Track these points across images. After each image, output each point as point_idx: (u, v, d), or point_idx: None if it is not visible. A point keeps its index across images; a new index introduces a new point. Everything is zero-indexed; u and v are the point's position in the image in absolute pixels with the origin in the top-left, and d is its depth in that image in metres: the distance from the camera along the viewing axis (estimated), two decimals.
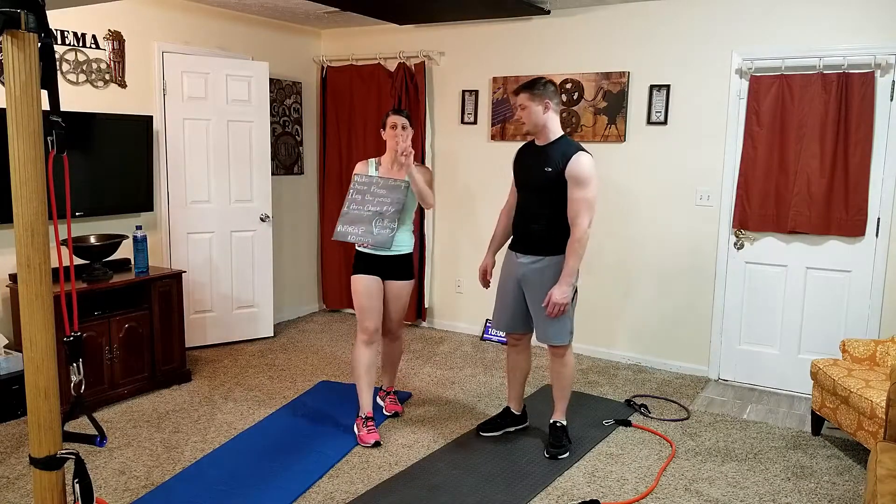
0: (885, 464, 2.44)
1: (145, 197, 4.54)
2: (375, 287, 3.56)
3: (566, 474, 3.23)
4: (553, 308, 3.19)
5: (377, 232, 3.45)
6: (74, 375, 1.60)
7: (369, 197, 3.47)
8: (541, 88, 3.21)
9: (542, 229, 3.27)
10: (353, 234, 3.45)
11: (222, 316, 5.09)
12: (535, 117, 3.23)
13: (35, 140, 1.40)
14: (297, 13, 5.16)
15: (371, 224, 3.45)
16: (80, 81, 4.21)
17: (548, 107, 3.22)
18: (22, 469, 3.17)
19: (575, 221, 3.17)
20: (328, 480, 3.13)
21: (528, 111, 3.22)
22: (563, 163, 3.16)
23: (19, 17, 1.34)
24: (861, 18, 3.96)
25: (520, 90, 3.25)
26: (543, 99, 3.21)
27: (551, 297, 3.19)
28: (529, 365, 3.63)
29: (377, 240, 3.45)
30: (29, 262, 1.41)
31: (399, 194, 3.48)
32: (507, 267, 3.45)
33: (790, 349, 4.33)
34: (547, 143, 3.27)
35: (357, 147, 5.73)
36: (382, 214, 3.45)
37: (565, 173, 3.16)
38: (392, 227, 3.46)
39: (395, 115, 3.52)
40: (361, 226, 3.45)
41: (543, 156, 3.25)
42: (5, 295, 3.97)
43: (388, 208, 3.46)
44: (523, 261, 3.34)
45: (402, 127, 3.49)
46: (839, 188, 4.03)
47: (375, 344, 3.59)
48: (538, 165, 3.25)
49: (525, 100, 3.22)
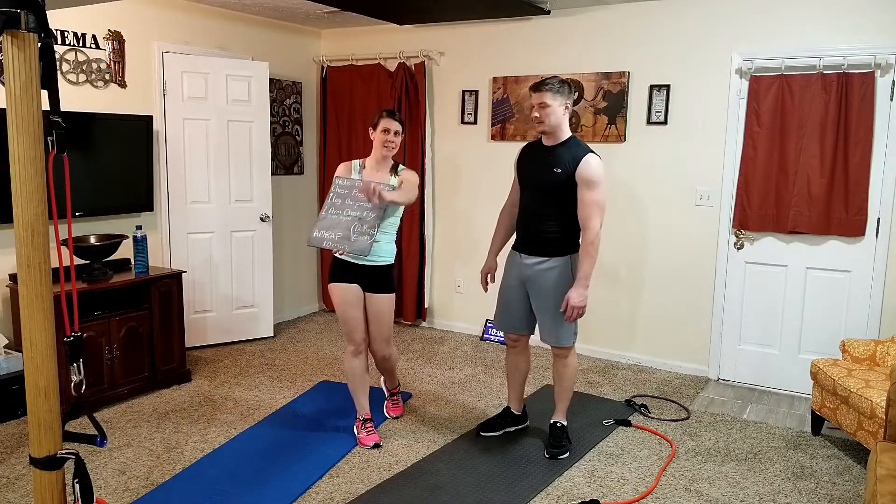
0: (885, 464, 2.44)
1: (145, 197, 4.54)
2: (354, 295, 3.40)
3: (566, 474, 3.23)
4: (572, 312, 3.16)
5: (355, 238, 3.24)
6: (74, 375, 1.60)
7: (349, 201, 3.28)
8: (563, 88, 3.15)
9: (549, 230, 3.24)
10: (329, 241, 3.26)
11: (222, 316, 5.09)
12: (554, 117, 3.16)
13: (35, 140, 1.40)
14: (297, 13, 5.16)
15: (349, 230, 3.25)
16: (80, 81, 4.21)
17: (567, 107, 3.19)
18: (22, 469, 3.17)
19: (587, 224, 3.13)
20: (328, 480, 3.13)
21: (550, 110, 3.14)
22: (573, 165, 3.13)
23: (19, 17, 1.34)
24: (861, 18, 3.96)
25: (541, 88, 3.14)
26: (564, 99, 3.16)
27: (569, 301, 3.15)
28: (529, 365, 3.63)
29: (354, 247, 3.24)
30: (29, 262, 1.41)
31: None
32: (510, 268, 3.43)
33: (790, 349, 4.33)
34: (556, 143, 3.22)
35: (357, 147, 5.73)
36: (362, 220, 3.25)
37: (576, 175, 3.12)
38: (371, 234, 3.25)
39: (390, 118, 3.36)
40: (339, 231, 3.26)
41: (552, 156, 3.20)
42: (5, 295, 3.97)
43: (367, 213, 3.26)
44: (529, 262, 3.31)
45: (394, 133, 3.35)
46: (839, 188, 4.03)
47: (364, 353, 3.49)
48: (547, 166, 3.20)
49: (549, 98, 3.13)
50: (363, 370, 3.51)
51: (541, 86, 3.16)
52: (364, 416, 3.55)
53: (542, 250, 3.27)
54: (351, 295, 3.40)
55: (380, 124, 3.37)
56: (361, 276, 3.40)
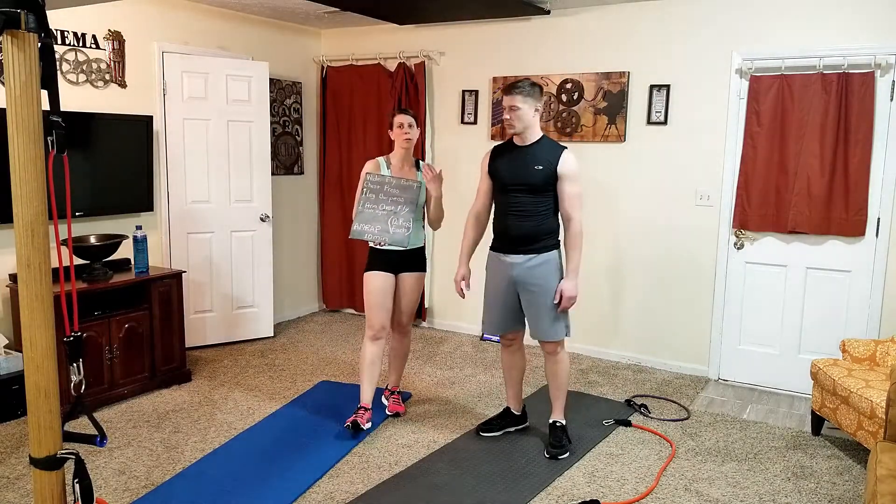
0: (885, 464, 2.44)
1: (145, 197, 4.54)
2: (389, 285, 3.64)
3: (566, 474, 3.23)
4: (566, 302, 3.28)
5: (393, 231, 3.51)
6: (74, 375, 1.60)
7: (383, 196, 3.53)
8: (533, 90, 3.26)
9: (534, 227, 3.30)
10: (370, 233, 3.51)
11: (222, 316, 5.09)
12: (525, 119, 3.26)
13: (35, 140, 1.40)
14: (297, 13, 5.16)
15: (387, 223, 3.51)
16: (80, 81, 4.21)
17: (538, 109, 3.29)
18: (22, 469, 3.17)
19: (571, 215, 3.27)
20: (328, 480, 3.13)
21: (520, 113, 3.25)
22: (554, 161, 3.25)
23: (19, 17, 1.34)
24: (861, 18, 3.96)
25: (513, 91, 3.24)
26: (535, 101, 3.26)
27: (563, 292, 3.27)
28: (525, 362, 3.64)
29: (394, 238, 3.51)
30: (29, 262, 1.41)
31: (412, 194, 3.54)
32: (494, 270, 3.44)
33: (790, 349, 4.33)
34: (530, 142, 3.31)
35: (357, 147, 5.73)
36: (397, 214, 3.52)
37: (558, 171, 3.25)
38: (408, 227, 3.53)
39: (402, 114, 3.62)
40: (377, 224, 3.51)
41: (530, 155, 3.29)
42: (5, 295, 3.97)
43: (402, 208, 3.53)
44: (516, 260, 3.34)
45: (408, 125, 3.60)
46: (839, 188, 4.03)
47: (381, 340, 3.66)
48: (525, 165, 3.28)
49: (520, 101, 3.23)
50: (376, 357, 3.66)
51: (511, 89, 3.25)
52: (363, 404, 3.65)
53: (528, 248, 3.32)
54: (386, 283, 3.64)
55: (395, 121, 3.64)
56: (398, 262, 3.66)
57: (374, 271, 3.63)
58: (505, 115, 3.31)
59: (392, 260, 3.63)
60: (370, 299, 3.63)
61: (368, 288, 3.63)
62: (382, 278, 3.62)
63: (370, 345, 3.64)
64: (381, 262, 3.63)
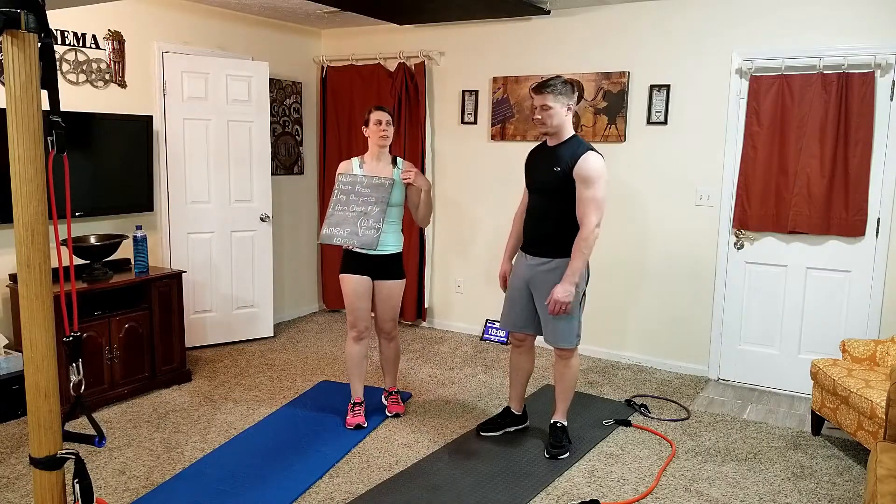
0: (885, 464, 2.44)
1: (145, 197, 4.54)
2: (364, 287, 3.59)
3: (566, 474, 3.23)
4: (555, 306, 3.17)
5: (362, 233, 3.41)
6: (74, 375, 1.60)
7: (353, 197, 3.47)
8: (566, 88, 3.15)
9: (552, 231, 3.25)
10: (339, 237, 3.44)
11: (222, 316, 5.09)
12: (557, 119, 3.17)
13: (35, 140, 1.40)
14: (297, 13, 5.16)
15: (356, 225, 3.42)
16: (80, 81, 4.21)
17: (570, 108, 3.19)
18: (22, 469, 3.17)
19: (583, 220, 3.14)
20: (328, 480, 3.13)
21: (552, 112, 3.15)
22: (571, 162, 3.14)
23: (19, 17, 1.34)
24: (861, 18, 3.96)
25: (543, 90, 3.14)
26: (566, 100, 3.17)
27: (553, 294, 3.17)
28: (532, 366, 3.63)
29: (362, 241, 3.42)
30: (29, 262, 1.41)
31: (383, 192, 3.45)
32: (516, 268, 3.45)
33: (790, 349, 4.33)
34: (558, 143, 3.24)
35: (357, 147, 5.73)
36: (367, 214, 3.42)
37: (573, 172, 3.13)
38: (377, 227, 3.42)
39: (379, 111, 3.56)
40: (346, 227, 3.43)
41: (553, 156, 3.21)
42: (5, 295, 3.97)
43: (372, 208, 3.43)
44: (532, 263, 3.33)
45: (386, 123, 3.54)
46: (839, 188, 4.03)
47: (365, 340, 3.68)
48: (547, 166, 3.22)
49: (551, 100, 3.14)
50: (362, 356, 3.72)
51: (542, 87, 3.15)
52: (355, 399, 3.71)
53: (544, 251, 3.28)
54: (361, 286, 3.59)
55: (371, 118, 3.56)
56: (372, 267, 3.60)
57: (348, 274, 3.58)
58: (536, 115, 3.20)
59: (366, 265, 3.57)
60: (348, 302, 3.61)
61: (345, 290, 3.61)
62: (356, 281, 3.57)
63: (354, 345, 3.67)
64: (355, 264, 3.57)
